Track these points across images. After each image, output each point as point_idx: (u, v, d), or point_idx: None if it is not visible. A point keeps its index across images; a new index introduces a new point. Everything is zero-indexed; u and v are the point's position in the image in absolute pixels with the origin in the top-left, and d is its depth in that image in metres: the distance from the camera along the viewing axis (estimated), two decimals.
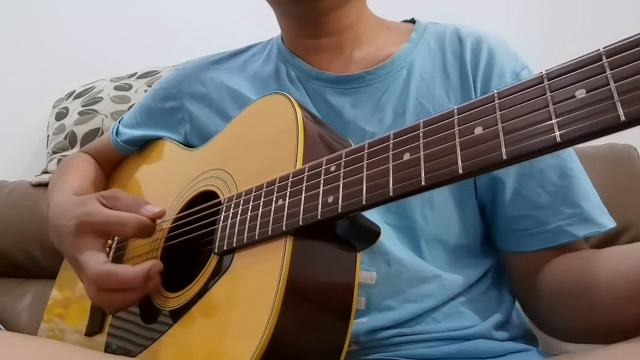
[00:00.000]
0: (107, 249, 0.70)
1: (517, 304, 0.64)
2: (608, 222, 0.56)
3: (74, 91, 1.35)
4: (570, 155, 0.58)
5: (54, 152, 1.27)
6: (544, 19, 1.38)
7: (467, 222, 0.60)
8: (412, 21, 0.70)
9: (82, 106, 1.28)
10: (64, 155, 1.24)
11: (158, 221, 0.63)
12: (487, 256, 0.62)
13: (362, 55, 0.66)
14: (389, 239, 0.57)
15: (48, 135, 1.32)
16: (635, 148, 1.08)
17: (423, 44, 0.65)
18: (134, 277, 0.50)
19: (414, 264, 0.56)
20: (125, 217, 0.54)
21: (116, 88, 1.30)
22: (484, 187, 0.60)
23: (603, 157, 1.06)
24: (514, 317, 0.61)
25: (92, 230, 0.54)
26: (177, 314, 0.53)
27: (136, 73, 1.35)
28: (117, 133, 0.82)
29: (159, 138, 0.79)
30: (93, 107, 1.27)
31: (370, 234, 0.49)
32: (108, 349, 0.61)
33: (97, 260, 0.52)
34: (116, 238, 0.71)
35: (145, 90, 1.25)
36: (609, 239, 0.99)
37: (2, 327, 1.08)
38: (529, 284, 0.58)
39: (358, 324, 0.54)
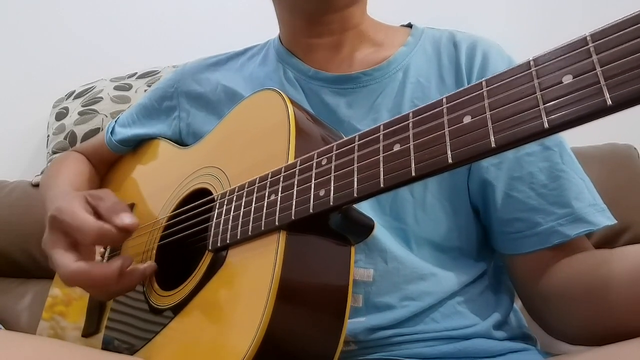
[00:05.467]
0: (103, 249, 0.71)
1: (515, 305, 0.63)
2: (603, 220, 0.54)
3: (74, 91, 1.36)
4: (562, 157, 0.57)
5: (54, 152, 1.27)
6: (544, 19, 1.38)
7: (460, 224, 0.60)
8: (409, 26, 0.71)
9: (82, 106, 1.29)
10: None
11: (155, 220, 0.63)
12: (484, 258, 0.62)
13: (359, 56, 0.66)
14: (385, 237, 0.56)
15: (48, 135, 1.32)
16: (635, 148, 1.08)
17: (419, 48, 0.66)
18: (106, 275, 0.52)
19: (411, 261, 0.56)
20: (86, 224, 0.52)
21: (116, 88, 1.31)
22: (475, 190, 0.60)
23: (603, 157, 1.05)
24: (512, 317, 0.61)
25: (59, 227, 0.54)
26: (173, 312, 0.52)
27: (136, 73, 1.35)
28: (112, 132, 0.82)
29: (153, 138, 0.79)
30: (93, 107, 1.27)
31: (364, 228, 0.49)
32: (109, 347, 0.61)
33: (68, 259, 0.52)
34: None
35: (145, 90, 1.25)
36: (609, 239, 0.98)
37: (2, 327, 1.08)
38: (533, 288, 0.57)
39: (357, 323, 0.53)
